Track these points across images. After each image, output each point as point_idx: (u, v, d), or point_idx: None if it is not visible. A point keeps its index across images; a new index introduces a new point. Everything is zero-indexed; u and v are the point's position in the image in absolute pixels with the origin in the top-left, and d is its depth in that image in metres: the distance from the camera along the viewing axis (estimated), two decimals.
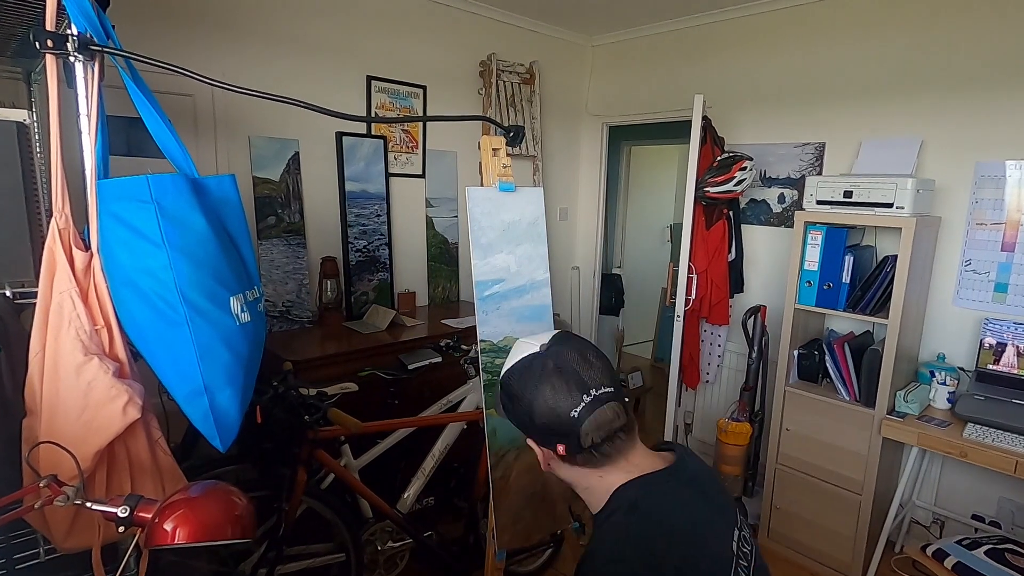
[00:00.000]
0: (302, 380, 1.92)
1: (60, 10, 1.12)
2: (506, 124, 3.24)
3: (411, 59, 2.96)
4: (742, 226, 3.13)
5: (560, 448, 0.84)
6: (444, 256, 3.28)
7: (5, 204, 1.30)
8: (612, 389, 0.85)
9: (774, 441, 2.68)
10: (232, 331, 1.30)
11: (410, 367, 2.37)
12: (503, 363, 0.94)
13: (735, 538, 0.86)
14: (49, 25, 1.12)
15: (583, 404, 0.82)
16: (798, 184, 2.93)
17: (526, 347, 0.90)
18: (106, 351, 1.22)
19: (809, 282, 2.51)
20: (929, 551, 2.02)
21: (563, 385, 0.83)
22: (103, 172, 1.24)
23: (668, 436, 3.03)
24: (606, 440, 0.83)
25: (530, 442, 0.90)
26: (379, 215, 2.90)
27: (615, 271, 4.80)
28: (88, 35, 1.14)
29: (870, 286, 2.40)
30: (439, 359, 2.45)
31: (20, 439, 1.18)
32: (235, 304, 1.32)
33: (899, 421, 2.27)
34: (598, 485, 0.86)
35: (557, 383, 0.83)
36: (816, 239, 2.48)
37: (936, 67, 2.49)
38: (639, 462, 0.87)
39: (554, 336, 0.90)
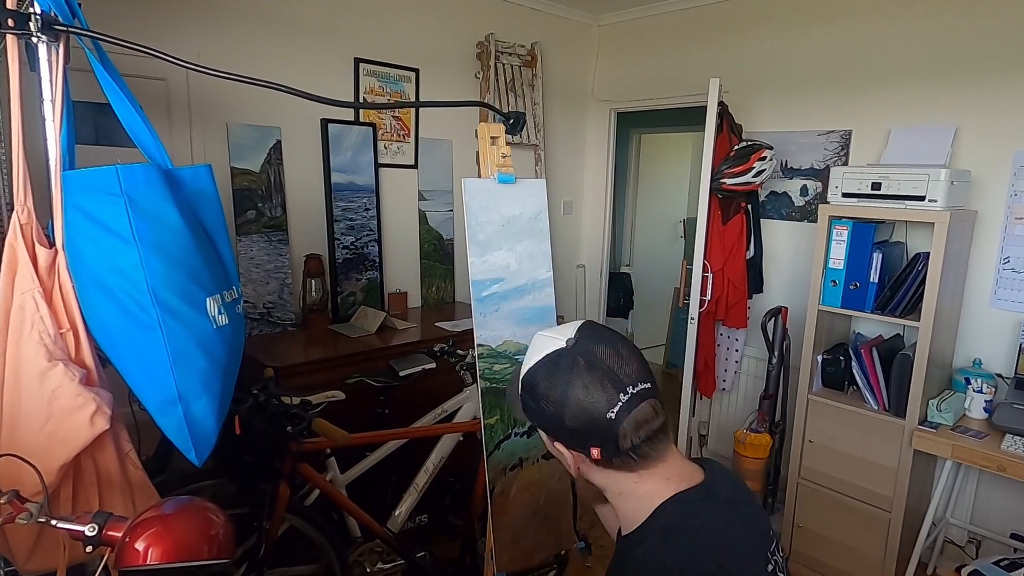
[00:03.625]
0: (284, 388, 1.92)
1: None
2: (505, 110, 3.23)
3: (402, 40, 2.96)
4: (761, 221, 3.13)
5: (595, 452, 0.82)
6: (438, 253, 3.28)
7: None
8: (649, 385, 0.84)
9: (796, 454, 2.67)
10: (208, 335, 1.30)
11: (401, 374, 2.37)
12: (504, 368, 0.94)
13: (770, 567, 0.85)
14: (10, 3, 1.12)
15: (620, 403, 0.80)
16: (822, 175, 2.93)
17: (549, 342, 0.87)
18: (72, 356, 1.22)
19: (834, 281, 2.51)
20: (964, 572, 2.02)
21: (597, 383, 0.81)
22: (69, 162, 1.24)
23: (681, 448, 3.03)
24: (645, 441, 0.82)
25: (557, 446, 0.89)
26: (368, 209, 2.90)
27: (624, 270, 4.80)
28: (52, 14, 1.14)
29: (900, 286, 2.39)
30: (433, 365, 2.45)
31: None
32: (212, 305, 1.32)
33: (932, 432, 2.27)
34: (634, 491, 0.86)
35: (590, 381, 0.81)
36: (842, 235, 2.48)
37: (972, 49, 2.49)
38: (676, 467, 0.87)
39: (580, 328, 0.88)
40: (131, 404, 1.35)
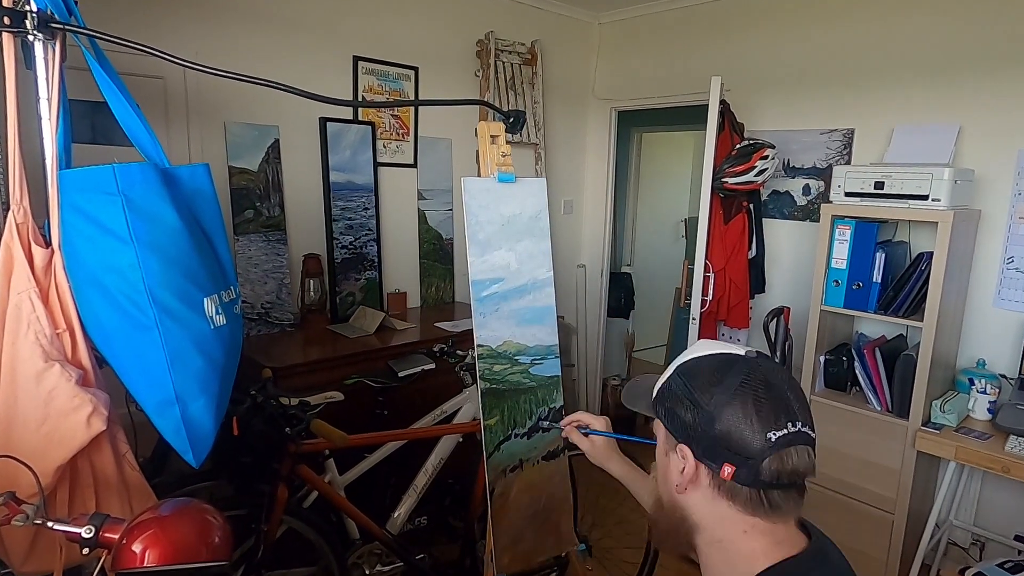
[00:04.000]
0: (283, 389, 1.92)
1: None
2: (505, 109, 3.23)
3: (401, 38, 2.96)
4: (763, 220, 3.13)
5: (727, 470, 0.74)
6: (438, 253, 3.28)
7: None
8: (814, 435, 0.78)
9: None
10: (206, 335, 1.31)
11: (401, 374, 2.37)
12: (504, 368, 0.93)
13: None
14: (6, 1, 1.12)
15: (784, 432, 0.73)
16: (824, 174, 2.93)
17: (722, 346, 0.82)
18: (68, 357, 1.22)
19: (837, 281, 2.51)
20: (968, 574, 2.02)
21: (768, 402, 0.75)
22: (65, 161, 1.24)
23: None
24: (785, 487, 0.75)
25: (680, 449, 0.79)
26: (367, 208, 2.90)
27: (625, 270, 4.80)
28: (48, 11, 1.14)
29: (903, 286, 2.40)
30: (432, 366, 2.45)
31: None
32: (209, 306, 1.32)
33: (935, 433, 2.27)
34: (736, 543, 0.77)
35: (763, 396, 0.75)
36: (844, 234, 2.48)
37: (976, 47, 2.48)
38: (787, 536, 0.79)
39: (757, 352, 0.82)
40: (128, 405, 1.35)
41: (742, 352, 0.81)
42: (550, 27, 3.58)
